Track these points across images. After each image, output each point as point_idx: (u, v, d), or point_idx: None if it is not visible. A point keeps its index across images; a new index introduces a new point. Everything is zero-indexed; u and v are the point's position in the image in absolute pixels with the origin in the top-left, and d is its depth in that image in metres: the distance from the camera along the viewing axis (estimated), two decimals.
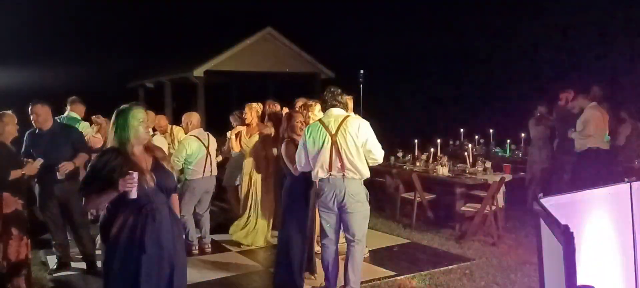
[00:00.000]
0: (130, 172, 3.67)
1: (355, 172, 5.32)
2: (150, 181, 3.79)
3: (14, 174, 5.51)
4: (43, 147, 5.99)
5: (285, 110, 7.46)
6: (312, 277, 6.19)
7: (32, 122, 6.22)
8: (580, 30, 14.29)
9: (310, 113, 6.40)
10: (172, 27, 19.55)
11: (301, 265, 5.86)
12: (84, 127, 7.41)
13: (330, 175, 5.31)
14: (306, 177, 5.66)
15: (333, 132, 5.31)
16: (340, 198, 5.34)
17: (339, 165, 5.28)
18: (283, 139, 5.99)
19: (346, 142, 5.28)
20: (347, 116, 5.49)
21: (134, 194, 3.68)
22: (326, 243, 5.58)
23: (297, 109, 6.92)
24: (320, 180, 5.38)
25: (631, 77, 10.73)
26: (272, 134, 7.37)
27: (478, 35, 16.56)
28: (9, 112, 5.81)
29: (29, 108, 6.19)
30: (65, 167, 6.10)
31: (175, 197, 4.17)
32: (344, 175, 5.31)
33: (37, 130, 6.25)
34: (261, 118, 7.68)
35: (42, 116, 6.17)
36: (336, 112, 5.44)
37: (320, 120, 5.49)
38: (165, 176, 3.94)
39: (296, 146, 5.68)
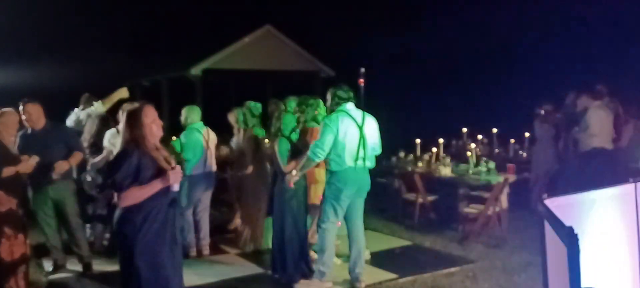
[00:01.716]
0: (174, 166, 3.97)
1: (372, 162, 5.88)
2: None
3: (7, 171, 5.44)
4: (36, 148, 5.87)
5: None
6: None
7: (24, 122, 6.11)
8: (583, 30, 14.24)
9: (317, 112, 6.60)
10: (169, 25, 19.54)
11: (297, 263, 5.97)
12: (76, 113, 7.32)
13: (356, 164, 5.67)
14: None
15: (361, 124, 5.72)
16: (362, 185, 5.80)
17: (363, 155, 5.69)
18: (275, 137, 5.97)
19: (369, 135, 5.77)
20: (364, 112, 5.92)
21: (176, 187, 3.98)
22: (330, 227, 5.77)
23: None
24: (344, 170, 5.65)
25: (633, 77, 10.66)
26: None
27: (480, 34, 16.51)
28: (11, 109, 5.73)
29: (20, 107, 6.09)
30: (61, 167, 6.04)
31: None
32: (365, 165, 5.77)
33: (29, 131, 6.16)
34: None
35: (34, 115, 6.08)
36: (354, 107, 5.84)
37: (346, 112, 5.74)
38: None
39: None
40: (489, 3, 16.34)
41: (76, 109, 7.55)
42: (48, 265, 6.64)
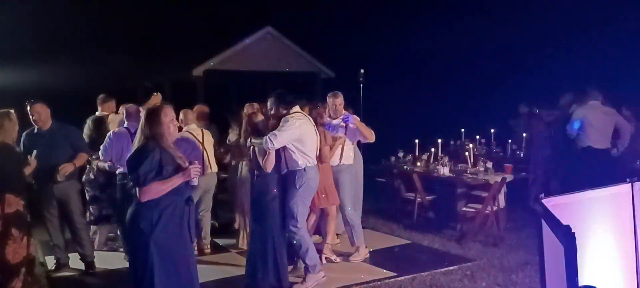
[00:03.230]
0: (194, 161, 4.11)
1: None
2: None
3: (28, 171, 5.57)
4: (42, 147, 5.93)
5: None
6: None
7: (32, 121, 6.15)
8: (582, 29, 14.26)
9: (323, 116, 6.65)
10: (171, 26, 19.51)
11: (282, 263, 5.88)
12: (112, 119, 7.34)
13: (315, 163, 5.89)
14: (277, 174, 5.81)
15: (314, 125, 5.93)
16: (318, 183, 5.97)
17: (318, 154, 5.95)
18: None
19: (319, 135, 6.04)
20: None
21: (195, 182, 4.11)
22: (303, 228, 5.87)
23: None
24: (307, 168, 5.76)
25: (632, 77, 10.69)
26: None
27: (479, 34, 16.51)
28: (12, 110, 5.76)
29: (28, 108, 6.12)
30: (66, 169, 6.07)
31: None
32: (319, 163, 6.03)
33: (35, 130, 6.19)
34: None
35: (43, 115, 6.11)
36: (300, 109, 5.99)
37: (301, 113, 5.88)
38: None
39: None
40: (487, 4, 16.36)
41: (98, 113, 7.53)
42: (51, 264, 6.67)
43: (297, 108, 5.90)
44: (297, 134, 5.68)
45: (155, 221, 3.92)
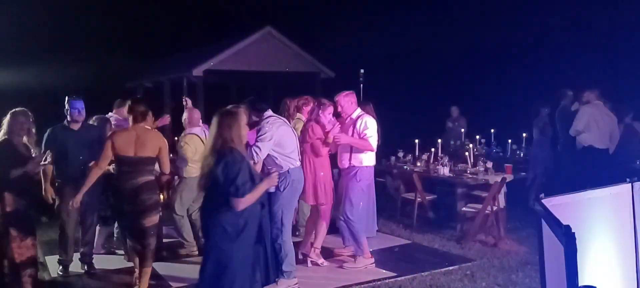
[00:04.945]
0: (273, 169, 4.24)
1: None
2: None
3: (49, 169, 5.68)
4: (74, 144, 6.03)
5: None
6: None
7: (70, 116, 6.16)
8: (581, 31, 14.26)
9: (321, 113, 6.58)
10: (171, 26, 19.54)
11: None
12: None
13: (298, 164, 5.93)
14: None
15: (293, 126, 6.13)
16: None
17: (299, 155, 6.00)
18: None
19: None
20: None
21: (273, 189, 4.31)
22: (287, 231, 5.87)
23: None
24: (291, 170, 5.77)
25: (632, 77, 10.70)
26: None
27: (479, 34, 16.51)
28: (22, 109, 5.73)
29: (66, 102, 6.18)
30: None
31: None
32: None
33: (68, 126, 6.19)
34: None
35: (83, 112, 6.15)
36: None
37: (275, 117, 5.91)
38: None
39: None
40: (488, 3, 16.36)
41: (110, 113, 7.52)
42: (52, 264, 6.66)
43: (269, 112, 5.88)
44: (276, 138, 5.66)
45: (241, 227, 4.02)
